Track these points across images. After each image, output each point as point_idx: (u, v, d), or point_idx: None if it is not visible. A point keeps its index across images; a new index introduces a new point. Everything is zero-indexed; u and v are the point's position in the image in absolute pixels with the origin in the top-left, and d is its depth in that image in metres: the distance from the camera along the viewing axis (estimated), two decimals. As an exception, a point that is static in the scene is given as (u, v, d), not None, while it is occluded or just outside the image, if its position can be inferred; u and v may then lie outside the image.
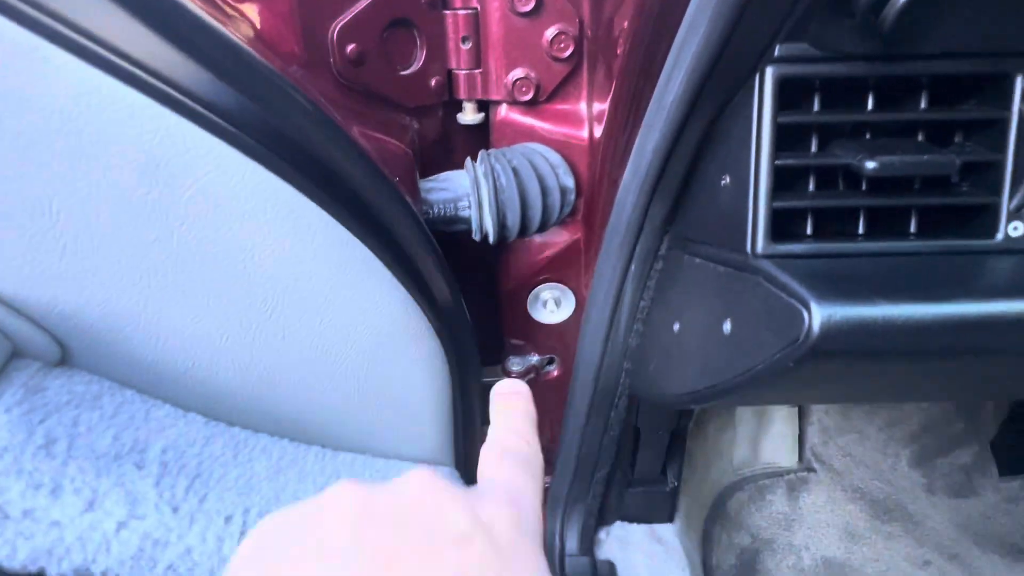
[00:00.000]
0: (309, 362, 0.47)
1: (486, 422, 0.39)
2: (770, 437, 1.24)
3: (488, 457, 0.35)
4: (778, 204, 0.40)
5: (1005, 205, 0.39)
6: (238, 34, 0.38)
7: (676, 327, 0.55)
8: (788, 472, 1.19)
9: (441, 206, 0.55)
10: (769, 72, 0.38)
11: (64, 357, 0.39)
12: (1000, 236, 0.39)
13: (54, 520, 0.34)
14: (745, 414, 1.22)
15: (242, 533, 0.42)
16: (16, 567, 0.33)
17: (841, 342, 0.32)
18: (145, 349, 0.41)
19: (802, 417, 1.24)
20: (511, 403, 0.40)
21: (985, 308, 0.33)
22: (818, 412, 1.26)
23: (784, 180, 0.41)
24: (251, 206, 0.38)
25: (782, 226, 0.41)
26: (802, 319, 0.33)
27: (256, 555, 0.26)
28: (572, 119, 0.58)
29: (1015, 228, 0.39)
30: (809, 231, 0.42)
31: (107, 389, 0.40)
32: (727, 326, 0.43)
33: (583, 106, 0.58)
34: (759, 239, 0.40)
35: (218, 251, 0.39)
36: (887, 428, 1.27)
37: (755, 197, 0.40)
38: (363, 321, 0.47)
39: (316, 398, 0.50)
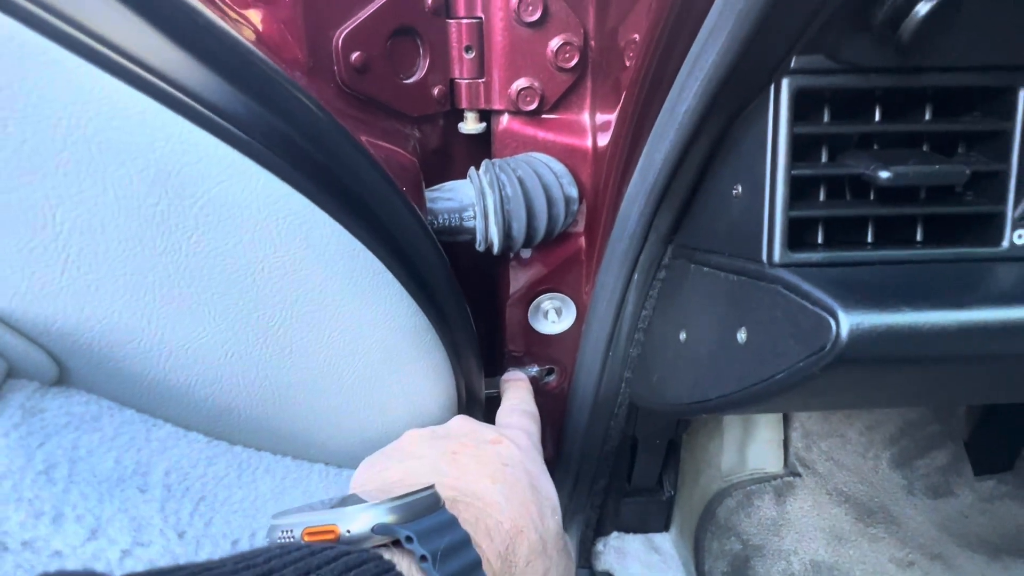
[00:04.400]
0: (316, 377, 0.45)
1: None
2: (756, 443, 1.25)
3: (503, 412, 0.56)
4: (794, 213, 0.40)
5: (1010, 214, 0.40)
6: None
7: (682, 336, 0.55)
8: (774, 477, 1.21)
9: (446, 216, 0.54)
10: (785, 83, 0.39)
11: (61, 376, 0.37)
12: (1006, 244, 0.40)
13: (56, 550, 0.31)
14: (732, 421, 1.23)
15: (250, 558, 0.40)
16: (15, 603, 0.31)
17: (869, 349, 0.33)
18: (146, 367, 0.39)
19: (786, 423, 1.25)
20: (516, 384, 0.64)
21: (1005, 314, 0.34)
22: (801, 417, 1.28)
23: (796, 190, 0.41)
24: (262, 216, 0.37)
25: (795, 236, 0.42)
26: (829, 327, 0.33)
27: (365, 467, 0.42)
28: (575, 129, 0.58)
29: (1019, 236, 0.40)
30: (820, 240, 0.43)
31: (106, 409, 0.38)
32: (742, 335, 0.43)
33: (586, 116, 0.58)
34: (776, 248, 0.40)
35: (227, 263, 0.37)
36: (867, 432, 1.30)
37: (771, 206, 0.41)
38: (372, 334, 0.46)
39: (321, 414, 0.48)
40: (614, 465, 0.78)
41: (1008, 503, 1.20)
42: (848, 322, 0.33)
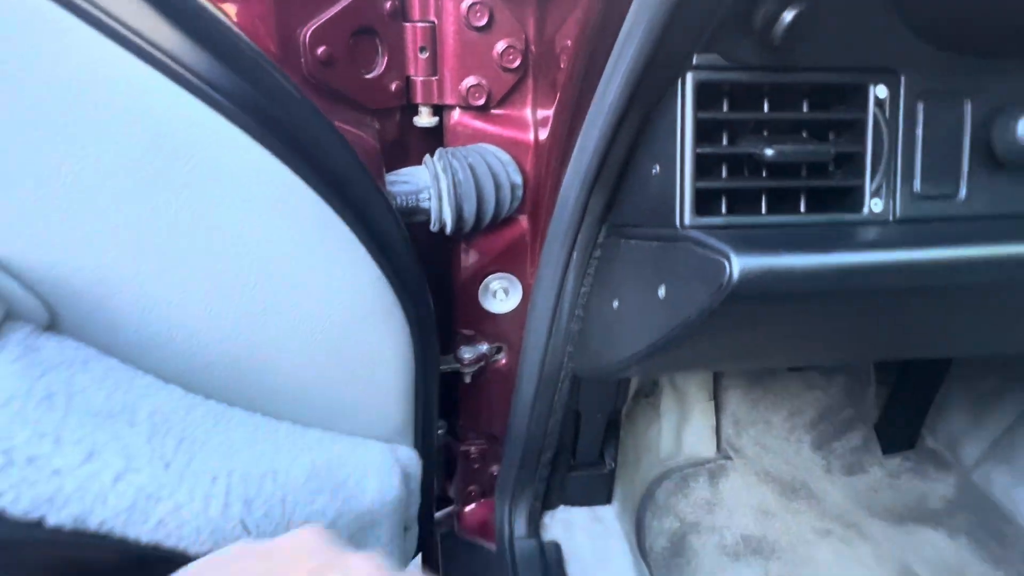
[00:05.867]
0: (287, 336, 0.50)
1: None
2: (691, 430, 1.34)
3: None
4: (700, 185, 0.49)
5: (867, 187, 0.50)
6: (229, 27, 0.42)
7: (615, 304, 0.62)
8: (708, 461, 1.30)
9: (403, 198, 0.60)
10: (689, 77, 0.47)
11: (52, 323, 0.40)
12: (866, 210, 0.49)
13: (55, 469, 0.35)
14: (669, 410, 1.32)
15: (227, 493, 0.44)
16: (18, 513, 0.34)
17: (755, 285, 0.41)
18: (130, 318, 0.43)
19: (718, 411, 1.36)
20: None
21: (860, 257, 0.42)
22: (731, 406, 1.38)
23: (703, 167, 0.50)
24: (245, 180, 0.42)
25: (702, 206, 0.50)
26: (724, 268, 0.41)
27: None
28: (519, 123, 0.66)
29: (875, 204, 0.50)
30: (723, 210, 0.51)
31: (93, 355, 0.41)
32: (662, 291, 0.51)
33: (529, 112, 0.65)
34: (686, 214, 0.49)
35: (211, 222, 0.42)
36: (790, 418, 1.42)
37: (681, 179, 0.49)
38: (339, 297, 0.51)
39: (290, 373, 0.52)
40: (559, 440, 0.84)
41: (911, 477, 1.33)
42: (739, 263, 0.41)
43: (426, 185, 0.60)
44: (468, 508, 0.91)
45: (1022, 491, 1.22)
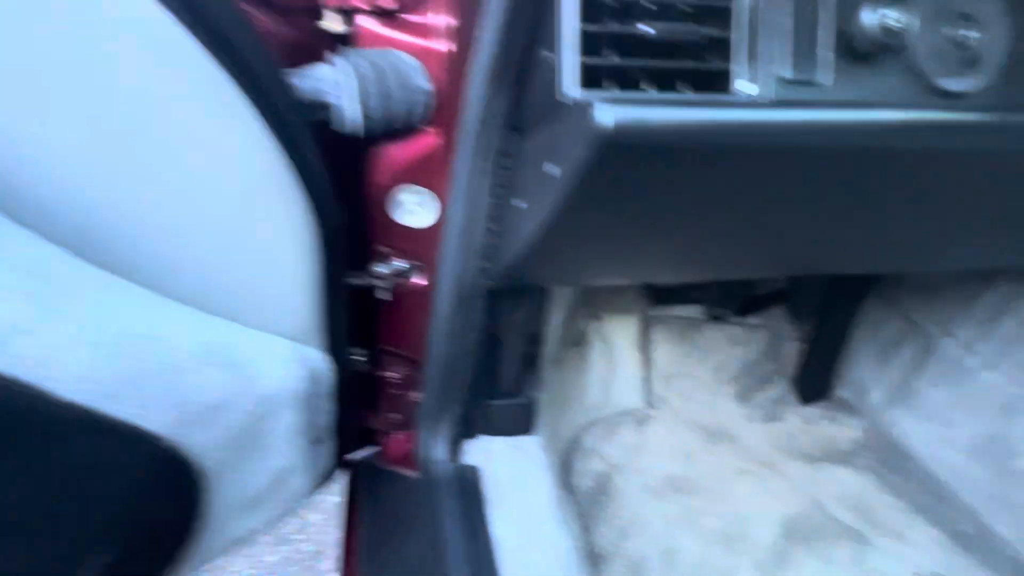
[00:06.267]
0: (176, 202, 0.49)
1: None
2: (619, 382, 1.38)
3: None
4: (586, 60, 0.51)
5: (742, 70, 0.53)
6: None
7: (524, 205, 0.64)
8: (636, 410, 1.34)
9: (307, 93, 0.60)
10: (573, -45, 0.50)
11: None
12: (734, 90, 0.53)
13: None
14: (598, 362, 1.36)
15: (109, 344, 0.43)
16: None
17: (630, 134, 0.43)
18: (9, 168, 0.42)
19: (646, 365, 1.40)
20: None
21: (730, 114, 0.46)
22: (659, 360, 1.43)
23: (592, 49, 0.52)
24: (120, 20, 0.42)
25: (592, 85, 0.52)
26: (594, 119, 0.44)
27: None
28: (430, 31, 0.67)
29: (741, 84, 0.53)
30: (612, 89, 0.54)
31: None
32: (552, 168, 0.53)
33: (440, 19, 0.67)
34: (573, 87, 0.51)
35: (81, 59, 0.41)
36: (715, 371, 1.48)
37: (569, 56, 0.51)
38: (231, 166, 0.51)
39: (178, 246, 0.51)
40: (478, 363, 0.85)
41: (824, 423, 1.41)
42: (613, 113, 0.44)
43: (331, 78, 0.61)
44: (390, 438, 0.92)
45: (920, 430, 1.31)
